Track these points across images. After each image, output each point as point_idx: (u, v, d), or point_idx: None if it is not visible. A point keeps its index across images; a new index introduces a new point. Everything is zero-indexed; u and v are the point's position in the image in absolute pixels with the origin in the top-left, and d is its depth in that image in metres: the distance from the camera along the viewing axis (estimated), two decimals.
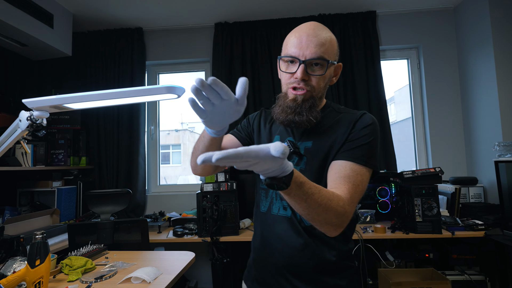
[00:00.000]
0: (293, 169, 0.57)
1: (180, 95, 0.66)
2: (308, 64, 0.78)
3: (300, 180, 0.60)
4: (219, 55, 2.59)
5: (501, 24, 2.14)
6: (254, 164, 0.49)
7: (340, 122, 0.82)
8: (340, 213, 0.66)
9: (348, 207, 0.68)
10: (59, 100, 0.66)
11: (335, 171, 0.75)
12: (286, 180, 0.56)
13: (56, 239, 1.86)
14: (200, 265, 2.51)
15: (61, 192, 2.24)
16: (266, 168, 0.52)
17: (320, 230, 0.70)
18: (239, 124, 1.04)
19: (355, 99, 2.47)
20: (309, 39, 0.77)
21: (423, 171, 1.90)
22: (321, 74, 0.79)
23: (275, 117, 0.85)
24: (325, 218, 0.66)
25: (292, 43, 0.79)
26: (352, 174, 0.73)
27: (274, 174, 0.54)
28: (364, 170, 0.74)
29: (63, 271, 1.16)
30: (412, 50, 2.67)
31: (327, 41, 0.78)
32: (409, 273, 1.90)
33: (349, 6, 2.49)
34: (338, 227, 0.68)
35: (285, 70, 0.82)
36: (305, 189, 0.61)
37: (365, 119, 0.80)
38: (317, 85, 0.80)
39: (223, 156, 0.43)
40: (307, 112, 0.79)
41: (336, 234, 0.70)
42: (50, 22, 2.18)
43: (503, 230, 1.75)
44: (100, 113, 2.59)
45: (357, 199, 0.72)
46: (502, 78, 2.11)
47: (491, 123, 2.17)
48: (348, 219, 0.69)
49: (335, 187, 0.72)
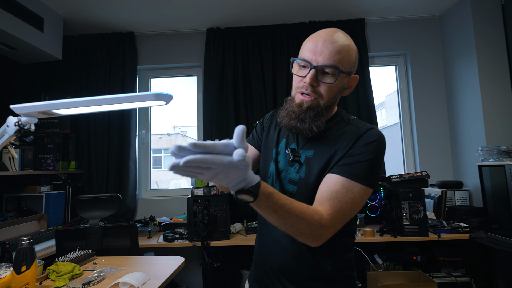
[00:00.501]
0: (260, 180, 0.58)
1: (168, 101, 0.67)
2: (319, 70, 0.75)
3: (269, 191, 0.60)
4: (211, 60, 2.61)
5: (484, 34, 2.22)
6: (219, 173, 0.50)
7: (345, 134, 0.79)
8: (314, 226, 0.65)
9: (326, 222, 0.67)
10: (47, 106, 0.67)
11: (325, 184, 0.73)
12: (253, 190, 0.56)
13: (43, 245, 1.83)
14: (191, 270, 2.49)
15: (49, 197, 2.21)
16: (232, 178, 0.52)
17: (299, 240, 0.69)
18: (254, 128, 1.02)
19: (344, 104, 2.52)
20: (325, 45, 0.74)
21: (410, 175, 1.94)
22: (331, 82, 0.75)
23: (279, 119, 0.83)
24: (298, 230, 0.66)
25: (307, 47, 0.77)
26: (342, 190, 0.70)
27: (241, 186, 0.55)
28: (358, 188, 0.71)
29: (49, 277, 1.14)
30: (399, 57, 2.74)
31: (343, 50, 0.75)
32: (397, 275, 1.93)
33: (338, 13, 2.55)
34: (315, 239, 0.68)
35: (296, 73, 0.79)
36: (274, 200, 0.61)
37: (369, 135, 0.76)
38: (326, 94, 0.77)
39: (190, 159, 0.45)
40: (310, 120, 0.77)
41: (316, 245, 0.69)
42: (40, 26, 2.17)
43: (487, 233, 1.80)
44: (90, 117, 2.57)
45: (344, 216, 0.70)
46: (485, 86, 2.18)
47: (475, 128, 2.24)
48: (329, 232, 0.68)
49: (320, 200, 0.71)
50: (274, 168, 0.86)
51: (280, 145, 0.89)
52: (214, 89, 2.57)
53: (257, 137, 0.99)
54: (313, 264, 0.79)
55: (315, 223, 0.65)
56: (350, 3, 2.40)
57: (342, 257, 0.82)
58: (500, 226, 1.71)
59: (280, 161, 0.87)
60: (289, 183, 0.82)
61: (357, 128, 0.79)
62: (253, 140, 1.00)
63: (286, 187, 0.83)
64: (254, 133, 1.01)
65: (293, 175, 0.82)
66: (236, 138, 0.50)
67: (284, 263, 0.81)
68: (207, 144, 0.48)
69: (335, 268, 0.80)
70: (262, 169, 0.93)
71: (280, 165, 0.86)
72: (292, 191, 0.81)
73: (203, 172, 0.49)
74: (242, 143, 0.50)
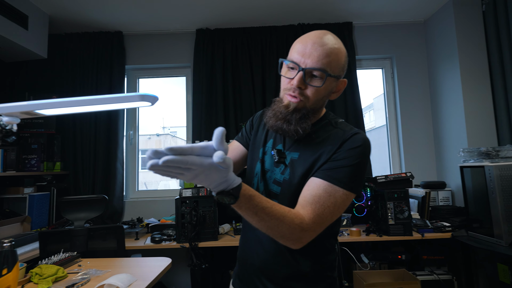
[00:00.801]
0: (241, 182, 0.59)
1: (154, 103, 0.68)
2: (307, 73, 0.74)
3: (250, 193, 0.61)
4: (200, 61, 2.61)
5: (466, 39, 2.29)
6: (200, 174, 0.51)
7: (330, 138, 0.78)
8: (295, 229, 0.66)
9: (307, 225, 0.67)
10: (31, 106, 0.66)
11: (308, 187, 0.73)
12: (234, 192, 0.57)
13: (26, 247, 1.79)
14: (179, 272, 2.48)
15: (33, 198, 2.16)
16: (213, 179, 0.53)
17: (280, 243, 0.70)
18: (244, 126, 1.02)
19: (332, 107, 2.56)
20: (314, 47, 0.73)
21: (395, 176, 1.99)
22: (318, 86, 0.74)
23: (265, 120, 0.82)
24: (279, 232, 0.66)
25: (296, 49, 0.76)
26: (324, 195, 0.70)
27: (222, 187, 0.56)
28: (341, 192, 0.71)
29: (32, 280, 1.12)
30: (386, 60, 2.80)
31: (333, 53, 0.74)
32: (383, 274, 1.97)
33: (326, 17, 2.59)
34: (296, 241, 0.69)
35: (284, 74, 0.79)
36: (255, 202, 0.62)
37: (354, 140, 0.75)
38: (312, 97, 0.76)
39: (169, 159, 0.46)
40: (296, 121, 0.76)
41: (297, 248, 0.70)
42: (24, 24, 2.12)
43: (468, 231, 1.86)
44: (77, 117, 2.53)
45: (325, 220, 0.70)
46: (467, 89, 2.26)
47: (458, 130, 2.31)
48: (309, 235, 0.69)
49: (302, 204, 0.71)
50: (260, 168, 0.87)
51: (267, 145, 0.89)
52: (203, 90, 2.57)
53: (246, 135, 0.99)
54: (293, 264, 0.79)
55: (295, 226, 0.66)
56: (338, 6, 2.45)
57: (322, 259, 0.82)
58: (480, 225, 1.77)
59: (266, 161, 0.87)
60: (273, 184, 0.83)
61: (343, 132, 0.78)
62: (241, 138, 1.00)
63: (271, 187, 0.83)
64: (243, 131, 1.01)
65: (277, 176, 0.82)
66: (215, 140, 0.50)
67: (264, 262, 0.82)
68: (184, 147, 0.48)
69: (314, 269, 0.80)
70: (248, 167, 0.94)
71: (266, 165, 0.87)
72: (276, 192, 0.82)
73: (183, 172, 0.50)
74: (221, 145, 0.50)
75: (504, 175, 1.63)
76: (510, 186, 1.62)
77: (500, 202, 1.61)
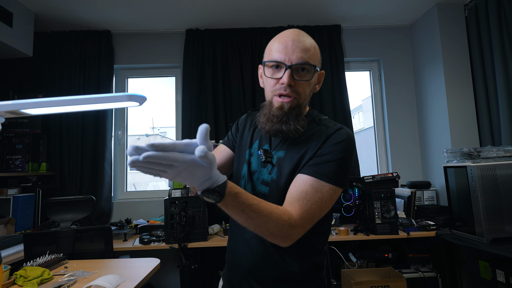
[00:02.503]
0: (226, 179, 0.58)
1: (142, 103, 0.68)
2: (294, 70, 0.75)
3: (236, 191, 0.60)
4: (190, 61, 2.60)
5: (449, 43, 2.37)
6: (183, 171, 0.50)
7: (314, 134, 0.79)
8: (283, 226, 0.66)
9: (295, 221, 0.67)
10: (16, 105, 0.65)
11: (294, 184, 0.74)
12: (219, 190, 0.56)
13: (10, 250, 1.74)
14: (168, 273, 2.46)
15: (17, 200, 2.11)
16: (197, 176, 0.53)
17: (269, 241, 0.69)
18: (230, 130, 1.02)
19: (321, 108, 2.59)
20: (295, 44, 0.75)
21: (382, 176, 2.03)
22: (308, 79, 0.77)
23: (260, 126, 0.82)
24: (267, 230, 0.66)
25: (276, 49, 0.77)
26: (311, 190, 0.71)
27: (207, 186, 0.56)
28: (327, 187, 0.72)
29: (16, 282, 1.10)
30: (373, 62, 2.85)
31: (311, 47, 0.78)
32: (370, 272, 2.01)
33: (315, 19, 2.63)
34: (285, 238, 0.68)
35: (270, 76, 0.78)
36: (241, 200, 0.61)
37: (338, 135, 0.77)
38: (303, 92, 0.78)
39: (150, 155, 0.45)
40: (294, 121, 0.77)
41: (286, 245, 0.70)
42: (9, 21, 2.07)
43: (451, 230, 1.91)
44: (63, 117, 2.49)
45: (313, 215, 0.70)
46: (450, 92, 2.33)
47: (442, 131, 2.38)
48: (298, 232, 0.69)
49: (289, 201, 0.71)
50: (247, 170, 0.87)
51: (253, 146, 0.89)
52: (193, 90, 2.57)
53: (232, 138, 1.00)
54: (281, 266, 0.79)
55: (283, 223, 0.66)
56: (327, 9, 2.48)
57: (311, 260, 0.81)
58: (463, 223, 1.83)
59: (253, 163, 0.87)
60: (261, 184, 0.83)
61: (327, 128, 0.80)
62: (228, 141, 1.00)
63: (259, 188, 0.83)
64: (229, 135, 1.01)
65: (265, 176, 0.83)
66: (199, 137, 0.50)
67: (252, 265, 0.81)
68: (166, 144, 0.48)
69: (303, 270, 0.79)
70: (235, 170, 0.94)
71: (252, 166, 0.87)
72: (264, 192, 0.82)
73: (165, 170, 0.49)
74: (205, 142, 0.50)
75: (485, 175, 1.69)
76: (491, 185, 1.68)
77: (481, 201, 1.67)
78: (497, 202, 1.66)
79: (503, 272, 1.65)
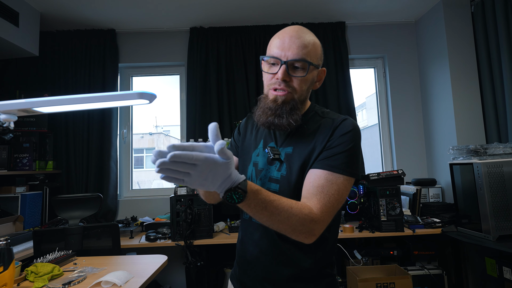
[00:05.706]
0: (245, 178, 0.59)
1: (152, 100, 0.69)
2: (289, 65, 0.76)
3: (256, 188, 0.61)
4: (194, 59, 2.60)
5: (455, 39, 2.35)
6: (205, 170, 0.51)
7: (320, 128, 0.80)
8: (305, 220, 0.66)
9: (316, 216, 0.68)
10: (29, 104, 0.66)
11: (309, 180, 0.74)
12: (242, 187, 0.56)
13: (19, 247, 1.77)
14: (174, 270, 2.48)
15: (25, 198, 2.14)
16: (219, 175, 0.53)
17: (293, 238, 0.69)
18: (232, 137, 1.03)
19: (326, 105, 2.59)
20: (292, 40, 0.76)
21: (387, 173, 2.03)
22: (302, 76, 0.77)
23: (256, 119, 0.83)
24: (290, 226, 0.66)
25: (275, 44, 0.79)
26: (326, 184, 0.71)
27: (229, 184, 0.56)
28: (342, 178, 0.72)
29: (28, 278, 1.12)
30: (378, 59, 2.84)
31: (310, 44, 0.78)
32: (375, 269, 2.01)
33: (320, 16, 2.62)
34: (308, 234, 0.68)
35: (267, 71, 0.81)
36: (263, 196, 0.61)
37: (344, 125, 0.78)
38: (299, 87, 0.78)
39: (177, 154, 0.47)
40: (287, 114, 0.77)
41: (310, 241, 0.69)
42: (15, 21, 2.09)
43: (457, 227, 1.91)
44: (69, 115, 2.51)
45: (332, 208, 0.71)
46: (456, 88, 2.31)
47: (447, 128, 2.36)
48: (320, 226, 0.69)
49: (307, 196, 0.71)
50: (254, 171, 0.87)
51: (258, 146, 0.89)
52: (197, 88, 2.57)
53: (235, 145, 1.00)
54: (294, 263, 0.79)
55: (305, 217, 0.66)
56: (331, 6, 2.47)
57: (323, 255, 0.81)
58: (469, 220, 1.82)
59: (259, 162, 0.87)
60: (270, 182, 0.82)
61: (332, 121, 0.80)
62: (232, 148, 1.00)
63: (268, 186, 0.82)
64: (232, 142, 1.01)
65: (274, 173, 0.82)
66: (211, 135, 0.52)
67: (265, 266, 0.81)
68: (185, 144, 0.49)
69: (315, 267, 0.80)
70: (241, 173, 0.94)
71: (259, 166, 0.86)
72: (274, 190, 0.81)
73: (189, 171, 0.50)
74: (218, 138, 0.52)
75: (491, 172, 1.68)
76: (497, 182, 1.67)
77: (488, 198, 1.66)
78: (504, 199, 1.65)
79: (510, 269, 1.64)
